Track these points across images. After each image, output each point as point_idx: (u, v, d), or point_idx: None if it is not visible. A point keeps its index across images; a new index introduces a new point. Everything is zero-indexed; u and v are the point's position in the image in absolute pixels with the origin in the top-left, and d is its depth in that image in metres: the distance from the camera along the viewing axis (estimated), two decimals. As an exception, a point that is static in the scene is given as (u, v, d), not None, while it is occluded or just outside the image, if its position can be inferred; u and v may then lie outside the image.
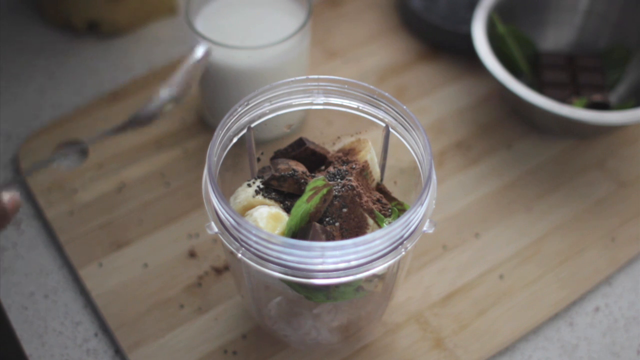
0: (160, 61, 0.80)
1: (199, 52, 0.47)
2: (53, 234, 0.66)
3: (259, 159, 0.55)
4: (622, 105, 0.72)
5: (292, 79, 0.52)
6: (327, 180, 0.50)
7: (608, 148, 0.73)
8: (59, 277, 0.64)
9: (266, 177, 0.51)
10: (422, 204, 0.46)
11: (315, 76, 0.53)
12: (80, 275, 0.63)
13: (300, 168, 0.52)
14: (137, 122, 0.45)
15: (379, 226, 0.49)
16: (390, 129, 0.53)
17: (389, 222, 0.50)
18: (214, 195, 0.46)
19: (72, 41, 0.81)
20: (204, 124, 0.73)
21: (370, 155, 0.53)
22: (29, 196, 0.69)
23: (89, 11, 0.79)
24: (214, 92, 0.69)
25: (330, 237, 0.47)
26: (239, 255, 0.46)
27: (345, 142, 0.55)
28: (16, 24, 0.83)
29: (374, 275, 0.49)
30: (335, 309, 0.54)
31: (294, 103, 0.54)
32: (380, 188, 0.54)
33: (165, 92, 0.45)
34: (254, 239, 0.45)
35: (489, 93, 0.78)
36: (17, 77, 0.78)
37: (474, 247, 0.66)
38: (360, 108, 0.54)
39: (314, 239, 0.46)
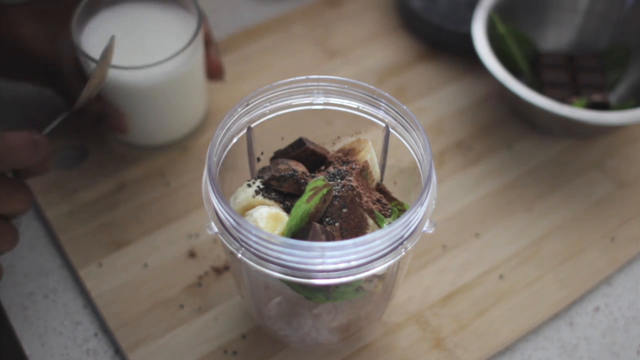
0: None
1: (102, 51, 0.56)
2: (53, 234, 0.66)
3: (259, 159, 0.55)
4: (622, 105, 0.72)
5: (292, 79, 0.52)
6: (327, 180, 0.50)
7: (608, 148, 0.73)
8: (59, 277, 0.64)
9: (266, 177, 0.51)
10: (422, 204, 0.46)
11: (315, 76, 0.53)
12: (80, 275, 0.63)
13: (300, 168, 0.52)
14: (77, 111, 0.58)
15: (379, 226, 0.49)
16: (390, 129, 0.53)
17: (389, 222, 0.50)
18: (214, 195, 0.46)
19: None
20: (204, 124, 0.73)
21: (370, 155, 0.53)
22: (29, 196, 0.69)
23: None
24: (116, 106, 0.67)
25: (330, 237, 0.47)
26: (239, 255, 0.46)
27: (345, 142, 0.55)
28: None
29: (374, 275, 0.49)
30: (335, 309, 0.54)
31: (294, 103, 0.54)
32: (380, 188, 0.54)
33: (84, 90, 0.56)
34: (254, 239, 0.45)
35: (489, 93, 0.78)
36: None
37: (474, 247, 0.66)
38: (360, 108, 0.54)
39: (314, 239, 0.46)
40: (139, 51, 0.64)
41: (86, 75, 0.65)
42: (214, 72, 0.71)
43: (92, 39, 0.65)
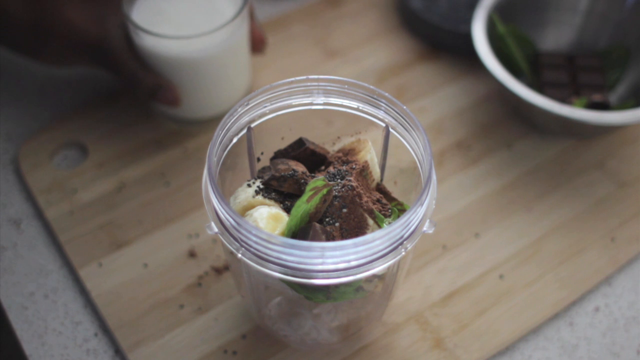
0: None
1: None
2: (53, 234, 0.66)
3: (259, 159, 0.55)
4: (622, 105, 0.72)
5: (292, 79, 0.53)
6: (327, 180, 0.50)
7: (608, 148, 0.73)
8: (59, 277, 0.64)
9: (266, 177, 0.51)
10: (422, 204, 0.46)
11: (315, 76, 0.53)
12: (80, 275, 0.63)
13: (300, 168, 0.52)
14: None
15: (379, 226, 0.49)
16: (390, 129, 0.53)
17: (389, 223, 0.50)
18: (214, 195, 0.46)
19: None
20: (204, 124, 0.73)
21: (370, 155, 0.53)
22: (29, 196, 0.69)
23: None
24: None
25: (330, 237, 0.47)
26: (239, 255, 0.46)
27: (345, 142, 0.55)
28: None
29: (374, 276, 0.49)
30: (335, 309, 0.54)
31: (294, 103, 0.54)
32: (380, 188, 0.54)
33: None
34: (254, 239, 0.45)
35: (489, 93, 0.78)
36: (17, 77, 0.78)
37: (474, 247, 0.66)
38: (360, 108, 0.54)
39: (314, 239, 0.46)
40: (189, 23, 0.67)
41: (136, 52, 0.67)
42: (257, 43, 0.73)
43: (142, 13, 0.67)
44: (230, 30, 0.66)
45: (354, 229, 0.49)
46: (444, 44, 0.81)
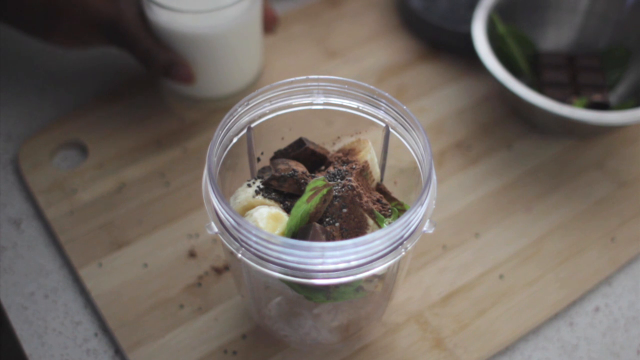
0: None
1: None
2: (53, 234, 0.66)
3: (259, 159, 0.55)
4: (622, 105, 0.72)
5: (292, 79, 0.52)
6: (327, 180, 0.50)
7: (608, 148, 0.73)
8: (59, 277, 0.64)
9: (266, 177, 0.51)
10: (422, 204, 0.46)
11: (315, 76, 0.53)
12: (80, 275, 0.63)
13: (300, 168, 0.52)
14: None
15: (379, 226, 0.49)
16: (390, 129, 0.53)
17: (389, 223, 0.50)
18: (214, 195, 0.46)
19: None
20: (204, 124, 0.73)
21: (370, 155, 0.53)
22: (28, 196, 0.69)
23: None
24: None
25: (330, 237, 0.47)
26: (239, 255, 0.46)
27: (345, 142, 0.55)
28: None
29: (374, 276, 0.49)
30: (335, 309, 0.54)
31: (294, 103, 0.54)
32: (380, 188, 0.54)
33: None
34: (254, 239, 0.45)
35: (489, 93, 0.78)
36: (17, 77, 0.78)
37: (474, 247, 0.66)
38: (360, 108, 0.54)
39: (314, 239, 0.46)
40: (202, 0, 0.66)
41: (150, 29, 0.68)
42: (269, 22, 0.74)
43: None
44: (245, 6, 0.66)
45: (354, 229, 0.49)
46: (444, 44, 0.81)
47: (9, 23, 0.70)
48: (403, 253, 0.46)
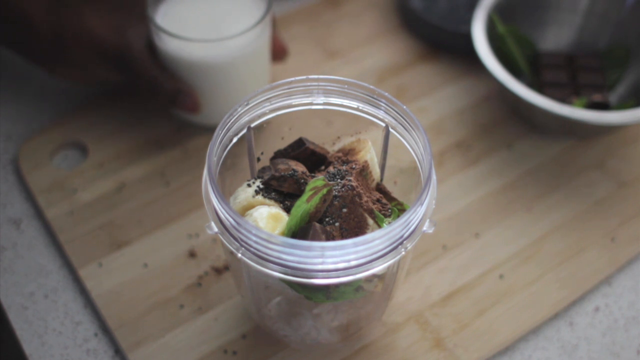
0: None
1: None
2: (53, 234, 0.66)
3: (259, 159, 0.55)
4: (622, 105, 0.72)
5: (292, 79, 0.53)
6: (327, 180, 0.50)
7: (608, 148, 0.73)
8: (59, 277, 0.64)
9: (266, 177, 0.51)
10: (422, 204, 0.46)
11: (315, 76, 0.53)
12: (80, 275, 0.63)
13: (300, 168, 0.52)
14: None
15: (379, 226, 0.49)
16: (390, 129, 0.53)
17: (389, 222, 0.50)
18: (214, 195, 0.46)
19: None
20: (204, 124, 0.73)
21: (370, 155, 0.53)
22: (28, 196, 0.69)
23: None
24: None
25: (330, 237, 0.47)
26: (239, 255, 0.46)
27: (345, 142, 0.55)
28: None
29: (374, 275, 0.49)
30: (335, 309, 0.54)
31: (294, 103, 0.54)
32: (380, 188, 0.54)
33: None
34: (254, 239, 0.45)
35: (489, 93, 0.78)
36: (17, 77, 0.78)
37: (474, 247, 0.66)
38: (360, 108, 0.54)
39: (314, 239, 0.46)
40: (212, 28, 0.67)
41: (158, 58, 0.68)
42: (278, 52, 0.74)
43: (166, 18, 0.67)
44: (254, 36, 0.66)
45: (354, 228, 0.49)
46: (444, 44, 0.81)
47: (17, 50, 0.70)
48: (403, 253, 0.46)
